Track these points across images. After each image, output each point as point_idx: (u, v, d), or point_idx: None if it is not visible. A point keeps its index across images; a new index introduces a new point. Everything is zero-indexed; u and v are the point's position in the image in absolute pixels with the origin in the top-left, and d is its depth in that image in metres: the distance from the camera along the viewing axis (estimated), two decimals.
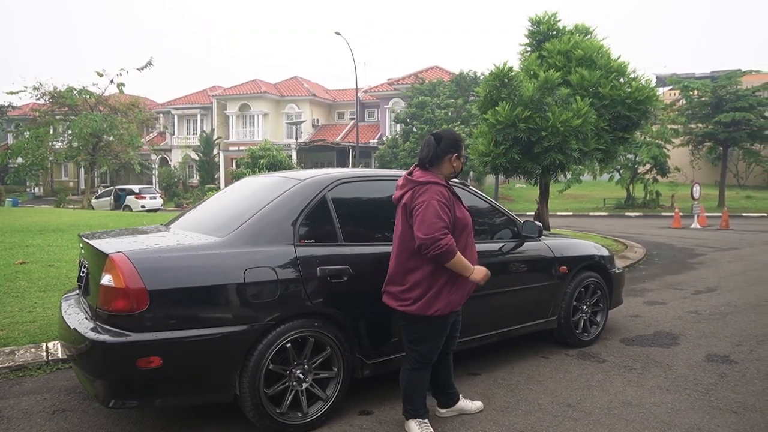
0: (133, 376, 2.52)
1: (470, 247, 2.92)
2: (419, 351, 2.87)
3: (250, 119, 38.52)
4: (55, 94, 22.39)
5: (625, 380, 3.73)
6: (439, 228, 2.63)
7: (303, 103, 38.43)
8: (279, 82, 40.15)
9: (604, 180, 26.55)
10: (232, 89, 38.46)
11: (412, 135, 26.19)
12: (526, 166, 8.79)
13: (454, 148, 2.90)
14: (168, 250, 2.74)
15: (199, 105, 40.08)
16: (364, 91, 37.31)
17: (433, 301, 2.76)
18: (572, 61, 9.55)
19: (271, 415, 2.81)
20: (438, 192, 2.72)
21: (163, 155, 40.03)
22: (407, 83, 31.59)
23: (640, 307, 5.93)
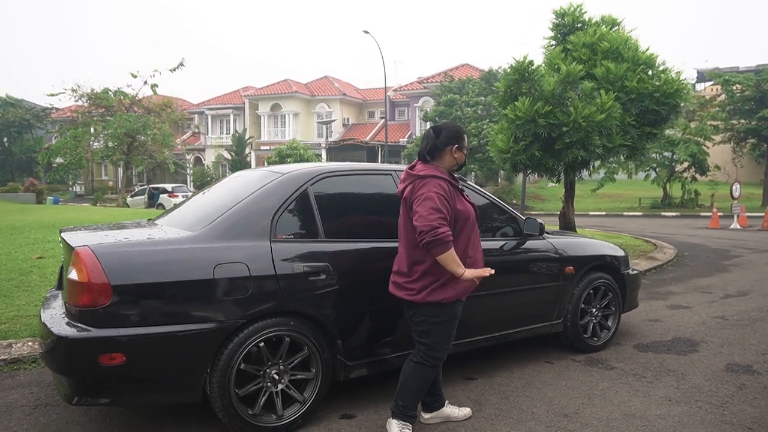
0: (95, 373, 2.46)
1: (474, 240, 2.83)
2: (427, 343, 2.76)
3: (281, 119, 38.92)
4: (92, 95, 23.09)
5: (632, 389, 3.48)
6: (437, 218, 2.57)
7: (333, 102, 38.58)
8: (310, 82, 40.43)
9: (639, 179, 25.66)
10: (264, 89, 38.94)
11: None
12: (547, 163, 8.48)
13: (454, 139, 2.83)
14: (135, 244, 2.67)
15: (231, 105, 40.73)
16: (394, 90, 37.20)
17: (440, 290, 2.70)
18: (598, 54, 9.17)
19: (242, 417, 2.71)
20: (437, 185, 2.66)
21: (197, 155, 40.87)
22: (437, 82, 31.30)
23: (662, 311, 5.60)
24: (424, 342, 2.78)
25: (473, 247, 2.82)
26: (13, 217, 12.06)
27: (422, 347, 2.79)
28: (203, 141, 41.39)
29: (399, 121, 37.95)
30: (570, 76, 8.18)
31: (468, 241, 2.79)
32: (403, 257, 2.80)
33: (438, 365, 2.83)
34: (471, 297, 3.41)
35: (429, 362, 2.78)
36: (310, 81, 40.61)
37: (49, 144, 27.17)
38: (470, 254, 2.80)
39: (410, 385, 2.79)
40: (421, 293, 2.71)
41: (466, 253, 2.77)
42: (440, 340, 2.78)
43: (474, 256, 2.82)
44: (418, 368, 2.79)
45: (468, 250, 2.78)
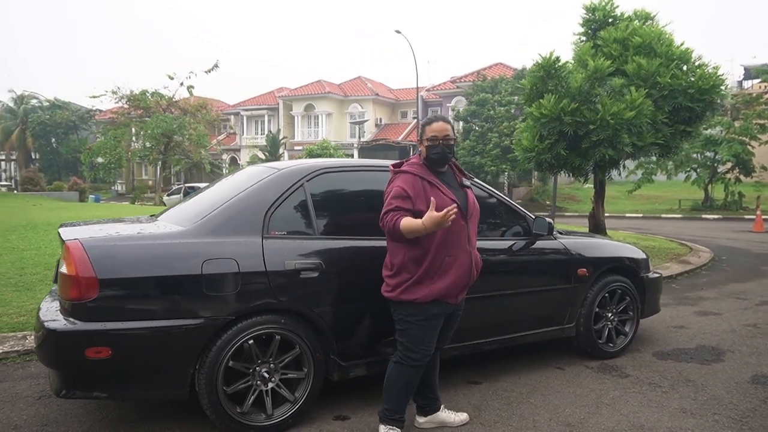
0: (82, 366, 2.47)
1: (458, 235, 2.65)
2: (403, 343, 2.69)
3: (314, 119, 39.27)
4: (131, 97, 23.82)
5: (645, 399, 3.29)
6: (387, 210, 2.58)
7: (366, 102, 38.67)
8: (343, 83, 40.65)
9: (679, 180, 24.70)
10: (298, 90, 39.36)
11: (472, 133, 25.60)
12: (574, 162, 8.20)
13: (419, 132, 2.81)
14: (124, 238, 2.67)
15: (266, 106, 41.35)
16: (426, 89, 36.99)
17: (413, 288, 2.62)
18: (629, 50, 8.84)
19: (230, 415, 2.68)
20: (403, 179, 2.65)
21: (232, 155, 41.67)
22: (469, 81, 30.96)
23: (689, 317, 5.32)
24: (401, 341, 2.71)
25: (455, 245, 2.63)
26: (52, 214, 12.52)
27: (400, 347, 2.72)
28: (238, 141, 42.16)
29: None
30: (598, 72, 7.91)
31: (446, 239, 2.59)
32: (387, 251, 2.77)
33: (418, 366, 2.70)
34: (473, 298, 3.31)
35: (406, 362, 2.68)
36: (344, 81, 40.83)
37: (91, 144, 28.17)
38: (451, 253, 2.63)
39: (393, 387, 2.71)
40: (396, 290, 2.65)
41: (445, 251, 2.60)
42: (416, 341, 2.67)
43: (456, 256, 2.63)
44: (398, 368, 2.71)
45: (448, 249, 2.61)
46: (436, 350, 2.86)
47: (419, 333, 2.67)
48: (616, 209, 23.97)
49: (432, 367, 2.88)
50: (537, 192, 27.35)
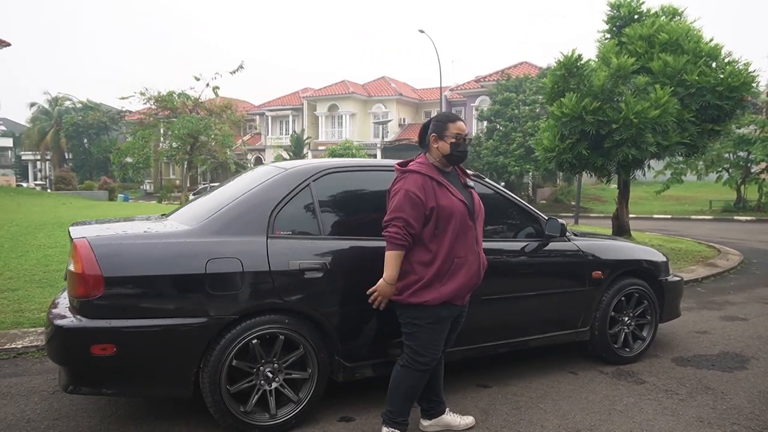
0: (88, 363, 2.50)
1: (467, 237, 2.63)
2: (411, 346, 2.64)
3: (338, 119, 39.44)
4: (159, 98, 24.28)
5: (660, 407, 3.18)
6: (395, 216, 2.53)
7: (390, 102, 38.66)
8: (367, 83, 40.73)
9: (710, 180, 23.99)
10: (322, 90, 39.59)
11: (496, 133, 25.32)
12: (596, 162, 8.03)
13: (434, 128, 2.71)
14: (131, 237, 2.70)
15: (290, 106, 41.69)
16: (450, 89, 36.79)
17: (422, 291, 2.57)
18: (655, 47, 8.63)
19: (233, 414, 2.68)
20: (411, 181, 2.58)
21: (257, 155, 42.15)
22: (493, 80, 30.66)
23: (713, 322, 5.14)
24: (409, 345, 2.66)
25: (464, 246, 2.62)
26: (80, 212, 12.84)
27: (407, 350, 2.67)
28: (263, 141, 42.62)
29: None
30: (621, 69, 7.72)
31: (456, 240, 2.59)
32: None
33: (425, 370, 2.67)
34: (484, 300, 3.26)
35: (414, 366, 2.64)
36: (368, 82, 40.89)
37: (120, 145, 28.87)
38: (460, 254, 2.60)
39: (398, 390, 2.67)
40: (403, 293, 2.60)
41: (455, 252, 2.58)
42: (425, 344, 2.63)
43: (465, 257, 2.62)
44: (404, 372, 2.66)
45: (457, 250, 2.59)
46: (441, 353, 2.82)
47: (428, 336, 2.63)
48: (644, 210, 23.42)
49: (437, 370, 2.84)
50: (562, 192, 26.92)
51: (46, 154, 43.92)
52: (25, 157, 47.05)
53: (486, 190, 3.56)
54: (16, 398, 3.24)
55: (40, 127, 42.71)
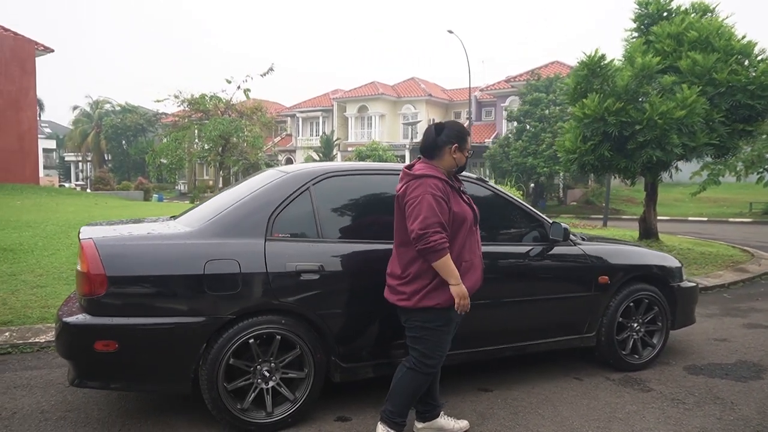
0: (92, 358, 2.62)
1: (471, 243, 2.70)
2: (419, 350, 2.66)
3: (367, 120, 39.63)
4: (192, 101, 24.90)
5: (663, 416, 3.11)
6: (431, 224, 2.49)
7: (419, 103, 38.62)
8: (397, 84, 40.78)
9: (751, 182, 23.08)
10: (352, 92, 39.85)
11: (525, 133, 24.99)
12: (619, 164, 7.86)
13: (454, 138, 2.72)
14: (134, 238, 2.82)
15: (321, 108, 42.10)
16: (480, 89, 36.52)
17: (433, 294, 2.59)
18: (684, 45, 8.40)
19: (230, 410, 2.76)
20: (432, 185, 2.57)
21: (288, 156, 42.72)
22: (524, 80, 30.27)
23: (734, 330, 4.97)
24: (417, 348, 2.67)
25: (470, 250, 2.69)
26: (113, 212, 13.29)
27: (415, 353, 2.68)
28: (294, 143, 43.17)
29: (485, 122, 37.16)
30: (645, 69, 7.54)
31: (464, 245, 2.67)
32: (396, 258, 2.73)
33: (431, 373, 2.71)
34: (485, 304, 3.26)
35: (421, 369, 2.66)
36: (397, 83, 40.94)
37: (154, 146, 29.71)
38: (466, 258, 2.67)
39: (400, 391, 2.69)
40: (413, 298, 2.61)
41: (462, 256, 2.65)
42: (434, 347, 2.66)
43: (471, 260, 2.69)
44: (409, 374, 2.69)
45: (464, 254, 2.66)
46: None
47: (437, 339, 2.65)
48: (679, 213, 22.74)
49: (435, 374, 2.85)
50: (593, 194, 26.36)
51: (87, 156, 45.57)
52: (68, 158, 48.93)
53: (490, 194, 3.56)
54: (34, 390, 3.41)
55: (82, 129, 44.36)
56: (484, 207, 3.55)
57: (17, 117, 20.62)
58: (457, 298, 2.56)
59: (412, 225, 2.53)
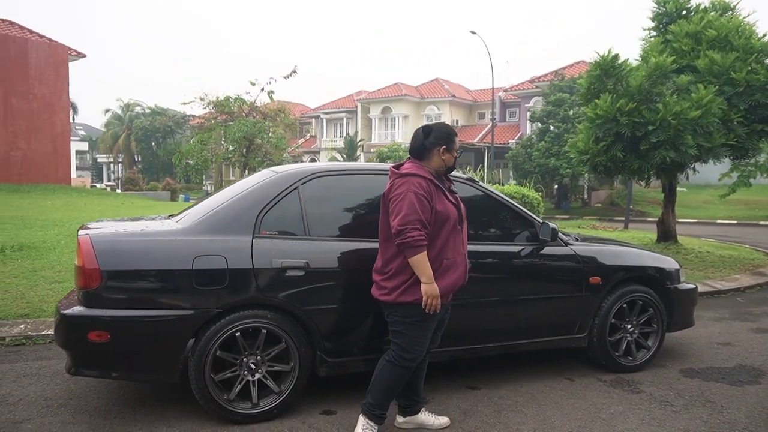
0: (86, 348, 2.77)
1: (454, 242, 2.75)
2: (399, 344, 2.73)
3: (391, 121, 39.74)
4: (217, 102, 25.40)
5: (648, 417, 3.10)
6: (411, 220, 2.58)
7: (443, 104, 38.56)
8: (420, 85, 40.79)
9: None
10: (375, 93, 40.02)
11: (548, 134, 24.70)
12: (632, 165, 7.75)
13: (443, 140, 2.81)
14: (128, 235, 2.96)
15: (345, 109, 42.40)
16: (504, 90, 36.27)
17: (411, 289, 2.66)
18: (702, 44, 8.24)
19: (216, 401, 2.87)
20: (416, 183, 2.65)
21: (313, 157, 43.13)
22: (548, 80, 29.93)
23: (741, 334, 4.88)
24: (397, 342, 2.74)
25: (453, 249, 2.75)
26: (137, 211, 13.70)
27: (395, 347, 2.75)
28: (318, 144, 43.57)
29: (510, 122, 36.90)
30: (659, 69, 7.42)
31: (446, 243, 2.72)
32: (380, 254, 2.81)
33: (410, 367, 2.76)
34: (473, 303, 3.31)
35: (400, 363, 2.73)
36: (421, 84, 40.95)
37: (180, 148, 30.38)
38: (448, 256, 2.72)
39: (380, 384, 2.76)
40: (393, 293, 2.69)
41: (444, 254, 2.70)
42: (412, 342, 2.72)
43: (453, 258, 2.74)
44: (389, 367, 2.75)
45: (446, 252, 2.71)
46: (426, 352, 2.89)
47: (416, 334, 2.72)
48: (708, 215, 22.17)
49: (419, 369, 2.91)
50: (618, 195, 25.86)
51: (118, 157, 46.87)
52: (101, 159, 50.40)
53: (481, 194, 3.60)
54: (41, 378, 3.59)
55: (113, 131, 45.67)
56: (474, 207, 3.61)
57: (51, 120, 21.41)
58: (426, 297, 2.60)
59: (393, 221, 2.61)
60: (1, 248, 6.69)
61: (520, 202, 13.27)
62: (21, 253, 6.66)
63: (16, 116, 20.13)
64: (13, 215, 10.73)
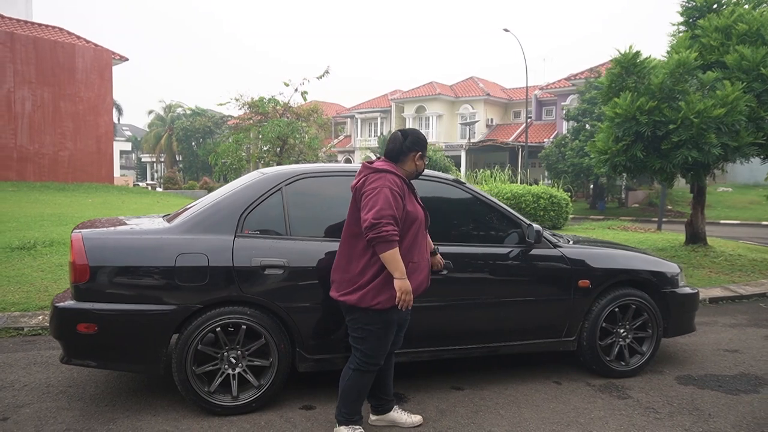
0: (76, 339, 2.94)
1: (420, 245, 2.79)
2: (361, 350, 2.75)
3: (425, 120, 39.63)
4: (251, 103, 25.97)
5: (628, 423, 3.05)
6: (386, 215, 2.57)
7: (477, 103, 38.21)
8: (455, 84, 40.54)
9: None
10: (409, 92, 40.02)
11: (582, 133, 24.12)
12: (654, 165, 7.51)
13: (418, 146, 2.86)
14: (117, 233, 3.12)
15: (379, 109, 42.57)
16: (540, 88, 35.62)
17: (376, 293, 2.65)
18: (732, 39, 7.90)
19: (198, 393, 2.99)
20: (391, 180, 2.68)
21: (347, 156, 43.51)
22: (584, 78, 29.22)
23: (753, 341, 4.69)
24: (359, 348, 2.75)
25: (418, 252, 2.78)
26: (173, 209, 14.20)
27: (357, 353, 2.77)
28: (353, 143, 43.91)
29: (545, 121, 36.23)
30: (682, 65, 7.17)
31: (412, 245, 2.75)
32: (344, 251, 2.78)
33: (374, 370, 2.79)
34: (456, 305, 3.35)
35: (365, 368, 2.76)
36: (456, 83, 40.69)
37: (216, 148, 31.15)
38: (414, 259, 2.75)
39: (349, 391, 2.78)
40: (358, 293, 2.68)
41: (410, 257, 2.73)
42: (375, 348, 2.74)
43: (418, 262, 2.77)
44: (355, 375, 2.77)
45: (412, 254, 2.74)
46: (390, 353, 2.93)
47: (378, 340, 2.73)
48: (753, 216, 21.21)
49: (386, 369, 2.95)
50: (657, 195, 24.99)
51: (160, 157, 48.48)
52: (145, 159, 52.27)
53: (468, 195, 3.61)
54: (49, 367, 3.82)
55: (156, 132, 47.26)
56: (460, 209, 3.63)
57: (95, 121, 22.41)
58: (400, 293, 2.61)
59: (366, 215, 2.57)
60: (33, 244, 7.08)
61: (548, 202, 13.07)
62: (50, 248, 7.04)
63: (63, 118, 21.17)
64: (53, 212, 11.30)
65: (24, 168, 19.70)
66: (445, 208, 3.55)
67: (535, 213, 12.66)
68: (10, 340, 4.40)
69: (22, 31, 20.16)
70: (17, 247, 6.83)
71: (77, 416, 3.03)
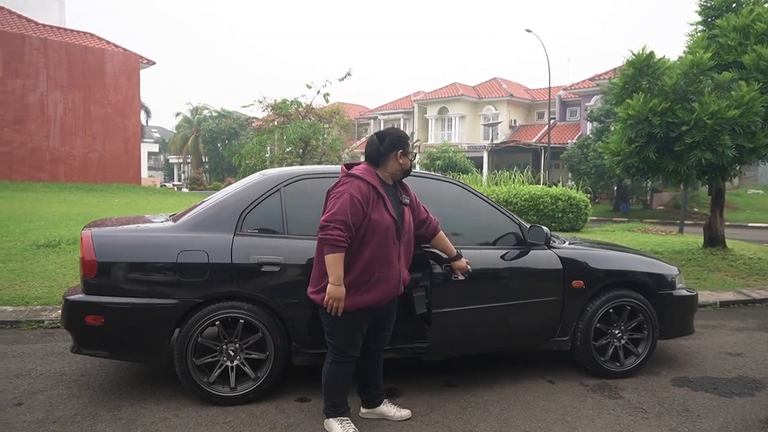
0: (84, 330, 3.13)
1: (385, 254, 2.76)
2: (333, 343, 2.86)
3: (447, 122, 39.58)
4: (274, 105, 26.37)
5: (614, 422, 3.09)
6: (336, 219, 2.65)
7: (500, 104, 37.98)
8: (478, 84, 40.36)
9: None
10: (432, 93, 40.01)
11: (605, 134, 23.77)
12: (667, 166, 7.44)
13: (398, 144, 2.90)
14: (124, 230, 3.31)
15: (402, 110, 42.67)
16: (564, 88, 35.20)
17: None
18: (750, 38, 7.77)
19: (197, 383, 3.15)
20: (356, 187, 2.73)
21: None
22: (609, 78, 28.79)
23: (758, 345, 4.65)
24: (331, 342, 2.86)
25: (385, 263, 2.75)
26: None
27: (331, 347, 2.87)
28: None
29: (570, 122, 35.75)
30: (696, 66, 7.09)
31: (376, 255, 2.73)
32: (317, 252, 2.84)
33: (351, 361, 2.87)
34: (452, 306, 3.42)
35: (341, 360, 2.86)
36: (479, 83, 40.50)
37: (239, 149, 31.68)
38: (380, 270, 2.74)
39: (331, 384, 2.89)
40: (319, 295, 2.76)
41: (374, 267, 2.74)
42: (345, 341, 2.83)
43: (385, 273, 2.76)
44: (333, 367, 2.87)
45: (376, 266, 2.74)
46: (378, 350, 3.03)
47: (347, 335, 2.82)
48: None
49: (375, 363, 3.06)
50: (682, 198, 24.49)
51: (187, 158, 49.50)
52: (172, 160, 53.44)
53: (466, 195, 3.69)
54: (64, 357, 4.03)
55: (183, 133, 48.31)
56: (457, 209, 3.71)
57: (123, 124, 23.06)
58: (329, 297, 2.66)
59: (323, 215, 2.70)
60: (58, 242, 7.41)
61: (566, 204, 12.97)
62: (74, 246, 7.34)
63: (93, 121, 21.84)
64: (80, 212, 11.73)
65: (56, 169, 20.41)
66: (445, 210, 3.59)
67: (553, 215, 12.59)
68: (31, 332, 4.65)
69: (55, 37, 20.88)
70: (43, 245, 7.16)
71: (86, 403, 3.22)
